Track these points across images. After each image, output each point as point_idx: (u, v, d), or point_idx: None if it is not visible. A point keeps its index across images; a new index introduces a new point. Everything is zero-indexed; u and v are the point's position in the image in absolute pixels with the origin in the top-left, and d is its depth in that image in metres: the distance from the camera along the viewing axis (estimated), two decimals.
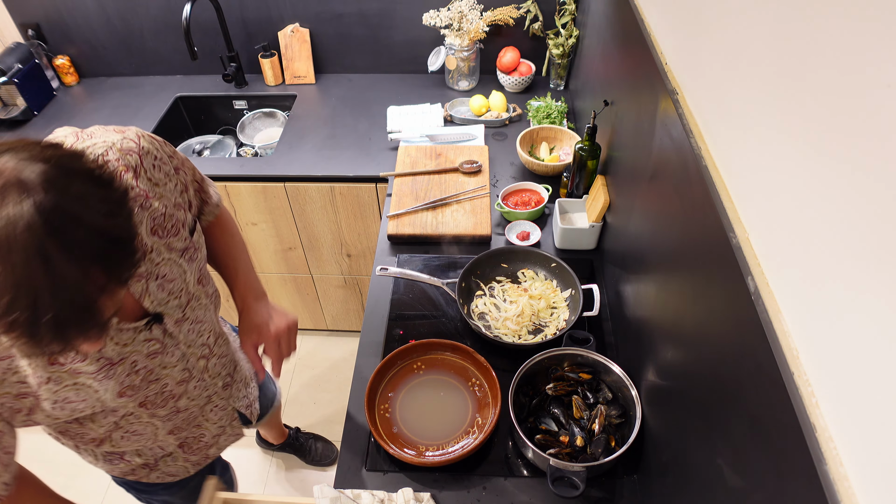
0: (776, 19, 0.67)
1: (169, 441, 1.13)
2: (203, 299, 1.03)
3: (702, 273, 0.85)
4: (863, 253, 0.51)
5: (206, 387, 1.12)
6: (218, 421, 1.22)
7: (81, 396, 0.87)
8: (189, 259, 0.98)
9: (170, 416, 1.07)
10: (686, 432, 0.91)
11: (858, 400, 0.51)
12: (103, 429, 1.01)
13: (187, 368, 1.04)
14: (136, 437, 1.06)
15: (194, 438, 1.20)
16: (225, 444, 1.29)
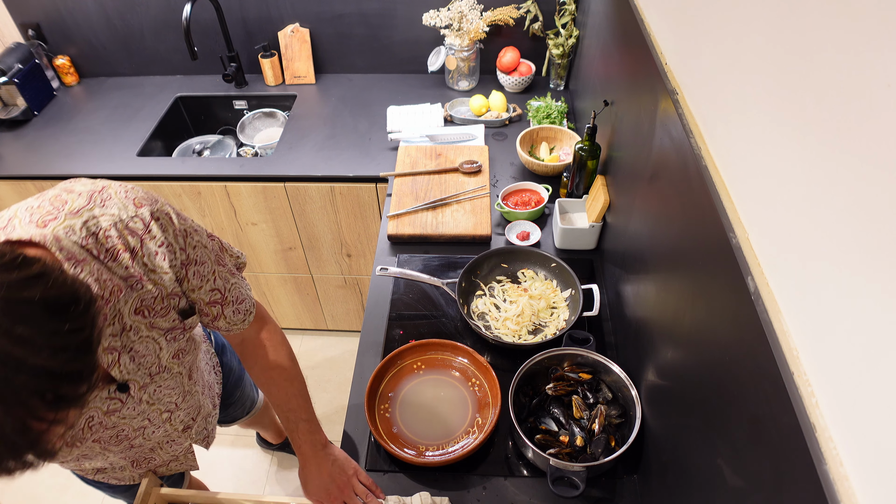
0: (776, 19, 0.67)
1: (126, 466, 1.14)
2: (175, 369, 1.00)
3: (702, 273, 0.85)
4: (863, 253, 0.51)
5: (164, 432, 1.10)
6: (173, 452, 1.20)
7: None
8: (171, 339, 0.94)
9: (123, 451, 1.06)
10: (686, 432, 0.91)
11: (858, 400, 0.51)
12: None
13: (148, 418, 1.02)
14: (86, 461, 1.05)
15: (146, 460, 1.18)
16: (175, 469, 1.26)
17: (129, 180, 2.00)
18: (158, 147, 2.15)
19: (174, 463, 1.25)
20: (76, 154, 2.03)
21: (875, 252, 0.49)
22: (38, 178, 1.99)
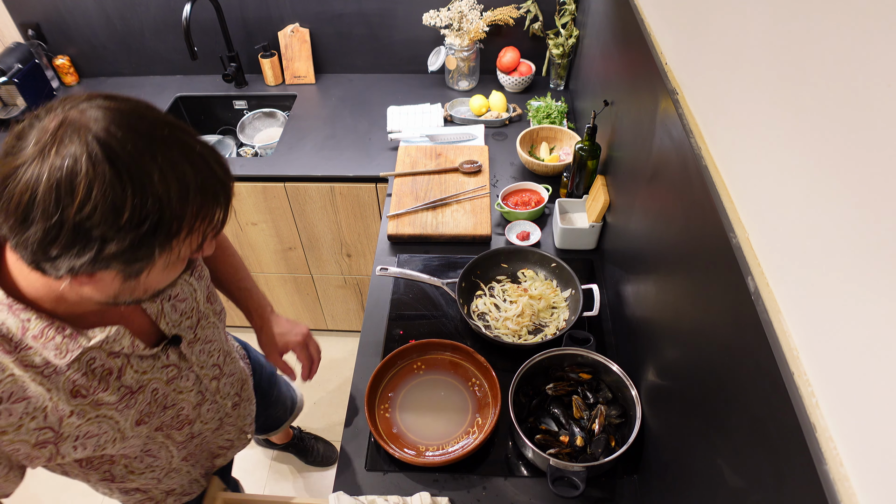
0: (776, 19, 0.67)
1: (182, 470, 1.11)
2: (211, 317, 1.02)
3: (702, 273, 0.85)
4: (863, 252, 0.51)
5: (217, 409, 1.11)
6: (227, 436, 1.20)
7: (103, 429, 0.84)
8: (198, 277, 0.98)
9: (185, 442, 1.06)
10: (686, 432, 0.91)
11: (859, 400, 0.51)
12: (124, 460, 0.98)
13: (201, 391, 1.03)
14: (150, 459, 1.02)
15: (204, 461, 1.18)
16: (232, 454, 1.27)
17: None
18: None
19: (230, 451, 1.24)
20: None
21: (875, 252, 0.49)
22: None
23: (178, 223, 0.65)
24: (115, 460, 0.97)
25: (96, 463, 0.95)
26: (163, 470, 1.07)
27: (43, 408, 0.76)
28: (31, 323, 0.73)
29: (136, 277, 0.69)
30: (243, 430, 1.25)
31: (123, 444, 0.90)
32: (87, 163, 0.59)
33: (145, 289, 0.74)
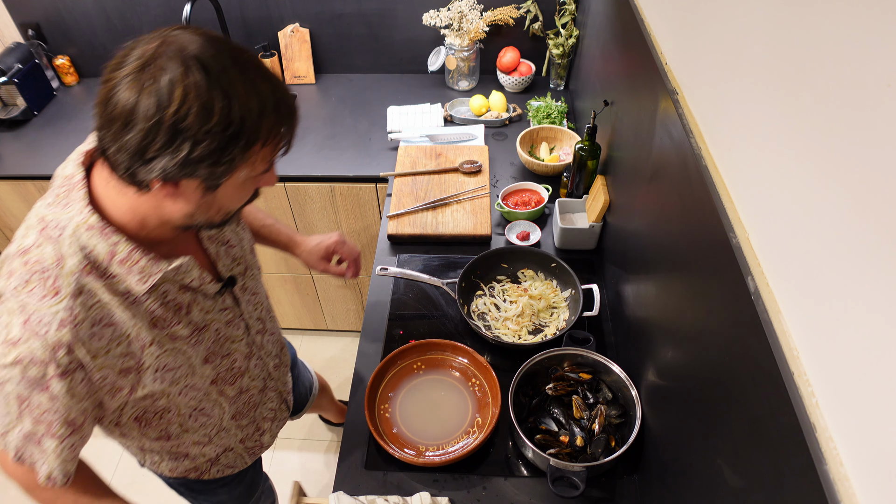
0: (776, 19, 0.67)
1: (231, 428, 1.16)
2: (255, 269, 1.10)
3: (702, 273, 0.85)
4: (863, 252, 0.51)
5: (263, 366, 1.16)
6: (270, 405, 1.25)
7: (178, 362, 0.92)
8: (243, 228, 1.08)
9: (235, 397, 1.11)
10: (686, 432, 0.91)
11: (859, 400, 0.51)
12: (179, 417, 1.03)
13: (249, 343, 1.09)
14: (203, 418, 1.07)
15: (253, 431, 1.23)
16: (276, 430, 1.32)
17: None
18: None
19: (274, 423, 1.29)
20: None
21: (875, 252, 0.49)
22: (38, 178, 1.98)
23: (256, 134, 0.73)
24: (171, 419, 1.01)
25: (154, 421, 1.00)
26: (214, 428, 1.11)
27: (127, 335, 0.83)
28: (118, 246, 0.80)
29: (214, 191, 0.77)
30: (283, 399, 1.29)
31: (192, 381, 0.97)
32: (183, 73, 0.68)
33: (218, 208, 0.82)
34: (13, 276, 0.77)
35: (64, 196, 0.80)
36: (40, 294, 0.76)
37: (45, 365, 0.77)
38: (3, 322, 0.77)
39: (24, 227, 0.81)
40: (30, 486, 0.89)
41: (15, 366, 0.77)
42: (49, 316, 0.76)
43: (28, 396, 0.79)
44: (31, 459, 0.84)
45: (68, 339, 0.77)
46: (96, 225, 0.78)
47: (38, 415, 0.80)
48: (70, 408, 0.81)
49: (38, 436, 0.82)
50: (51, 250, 0.77)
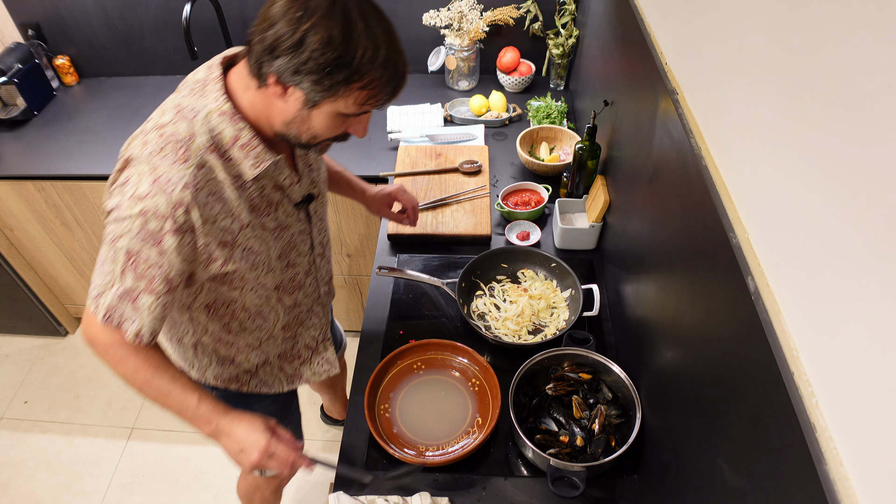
0: (776, 20, 0.67)
1: (278, 338, 1.25)
2: (325, 198, 1.20)
3: (702, 273, 0.85)
4: (862, 252, 0.51)
5: (316, 287, 1.28)
6: (313, 331, 1.33)
7: (261, 249, 1.04)
8: (322, 161, 1.20)
9: (289, 308, 1.22)
10: (686, 432, 0.91)
11: (859, 400, 0.51)
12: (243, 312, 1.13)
13: (310, 262, 1.21)
14: (260, 321, 1.17)
15: (292, 349, 1.31)
16: (317, 370, 1.37)
17: None
18: None
19: (315, 359, 1.36)
20: (76, 154, 2.03)
21: (875, 252, 0.49)
22: (38, 178, 1.99)
23: (360, 76, 0.85)
24: (236, 312, 1.12)
25: (221, 311, 1.11)
26: (266, 333, 1.21)
27: (231, 212, 0.96)
28: (243, 132, 0.94)
29: (311, 108, 0.89)
30: (324, 332, 1.36)
31: (265, 278, 1.08)
32: (329, 7, 0.82)
33: (309, 127, 0.93)
34: (148, 145, 0.90)
35: (199, 89, 0.94)
36: (171, 160, 0.89)
37: (165, 219, 0.88)
38: (134, 180, 0.89)
39: (160, 110, 0.94)
40: (110, 346, 0.96)
41: (138, 217, 0.88)
42: (176, 178, 0.88)
43: (139, 250, 0.90)
44: (121, 318, 0.94)
45: (188, 200, 0.89)
46: (228, 111, 0.93)
47: (144, 269, 0.91)
48: (173, 265, 0.92)
49: (136, 292, 0.92)
50: (185, 127, 0.91)
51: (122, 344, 0.95)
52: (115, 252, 0.90)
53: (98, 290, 0.93)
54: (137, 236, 0.89)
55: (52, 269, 2.36)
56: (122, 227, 0.89)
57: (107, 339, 0.95)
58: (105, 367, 2.50)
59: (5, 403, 2.40)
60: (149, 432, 2.28)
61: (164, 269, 0.91)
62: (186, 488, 2.11)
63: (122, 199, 0.90)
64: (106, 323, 0.93)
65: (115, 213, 0.91)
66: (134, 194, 0.88)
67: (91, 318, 0.95)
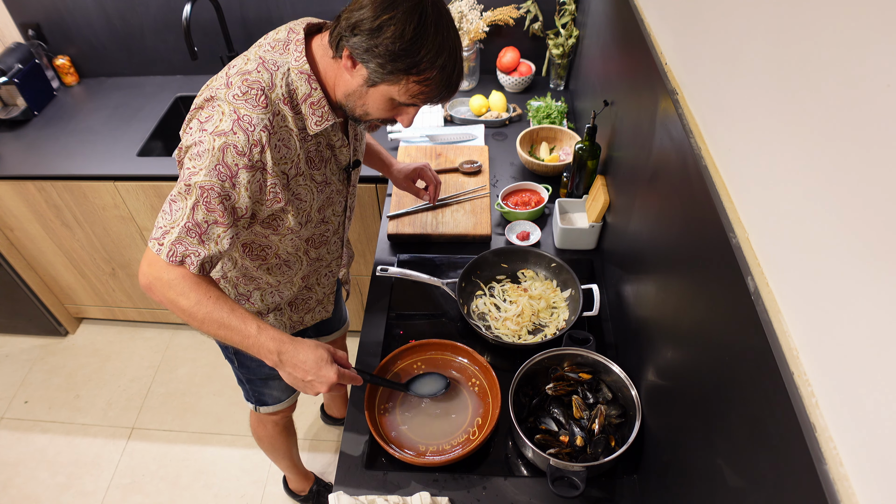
0: (776, 20, 0.67)
1: (295, 286, 1.35)
2: (360, 167, 1.28)
3: (702, 273, 0.85)
4: (862, 252, 0.51)
5: (338, 248, 1.39)
6: (326, 288, 1.45)
7: (307, 199, 1.14)
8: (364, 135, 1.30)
9: (312, 261, 1.33)
10: (686, 432, 0.91)
11: (858, 400, 0.51)
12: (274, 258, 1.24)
13: (339, 224, 1.31)
14: (286, 269, 1.29)
15: (303, 300, 1.42)
16: (315, 315, 1.49)
17: (130, 180, 2.00)
18: (158, 147, 2.15)
19: (317, 309, 1.47)
20: (76, 154, 2.03)
21: (875, 252, 0.49)
22: (38, 178, 1.99)
23: (418, 71, 0.96)
24: (267, 256, 1.23)
25: (256, 252, 1.22)
26: (287, 278, 1.31)
27: (292, 158, 1.06)
28: (315, 92, 1.04)
29: (370, 86, 1.00)
30: (329, 295, 1.47)
31: (302, 230, 1.18)
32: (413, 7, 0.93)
33: (363, 104, 1.04)
34: (232, 87, 0.99)
35: (281, 47, 1.05)
36: (253, 104, 0.98)
37: (242, 156, 0.97)
38: (216, 118, 0.98)
39: (244, 58, 1.05)
40: (173, 281, 1.01)
41: (218, 151, 0.96)
42: (256, 119, 0.98)
43: (213, 184, 0.97)
44: (185, 253, 1.00)
45: (265, 141, 0.99)
46: (307, 71, 1.03)
47: (216, 203, 0.99)
48: (242, 199, 1.01)
49: (206, 224, 1.00)
50: (268, 77, 1.01)
51: (185, 277, 1.01)
52: (190, 188, 0.98)
53: (163, 230, 1.00)
54: (215, 170, 0.97)
55: (52, 269, 2.36)
56: (200, 163, 0.97)
57: (170, 275, 1.01)
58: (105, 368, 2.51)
59: (5, 403, 2.40)
60: (149, 432, 2.28)
61: (234, 201, 1.00)
62: (186, 488, 2.12)
63: (202, 134, 0.98)
64: (170, 259, 1.00)
65: (194, 149, 0.98)
66: (215, 130, 0.97)
67: (153, 259, 1.01)
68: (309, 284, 1.39)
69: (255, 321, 1.04)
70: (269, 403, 1.58)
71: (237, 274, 1.28)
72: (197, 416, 2.32)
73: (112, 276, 2.36)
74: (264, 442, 1.77)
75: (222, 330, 1.03)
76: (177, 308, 1.03)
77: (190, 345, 2.58)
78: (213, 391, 2.40)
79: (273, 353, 1.04)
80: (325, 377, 1.05)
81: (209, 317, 1.02)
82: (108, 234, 2.17)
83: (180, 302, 1.01)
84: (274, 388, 1.55)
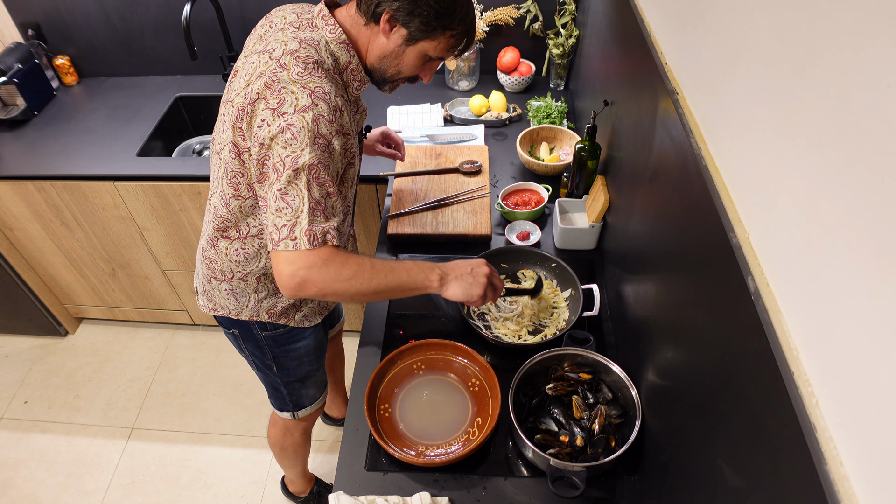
0: (776, 19, 0.67)
1: None
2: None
3: (702, 273, 0.85)
4: (863, 252, 0.51)
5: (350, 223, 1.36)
6: None
7: (354, 162, 1.17)
8: None
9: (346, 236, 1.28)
10: (686, 432, 0.91)
11: (859, 400, 0.51)
12: None
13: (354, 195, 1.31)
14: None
15: None
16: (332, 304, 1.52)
17: (129, 180, 2.00)
18: (158, 147, 2.15)
19: None
20: (76, 154, 2.03)
21: (875, 252, 0.49)
22: (38, 178, 1.99)
23: (455, 25, 1.07)
24: None
25: None
26: None
27: (350, 120, 1.09)
28: (354, 59, 1.11)
29: (409, 44, 1.08)
30: None
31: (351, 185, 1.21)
32: None
33: (397, 63, 1.12)
34: (288, 67, 1.01)
35: (307, 25, 1.10)
36: (318, 76, 1.02)
37: (331, 123, 1.01)
38: (290, 99, 0.99)
39: (280, 42, 1.05)
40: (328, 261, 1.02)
41: (311, 124, 0.98)
42: (328, 87, 1.02)
43: (317, 160, 1.00)
44: (323, 232, 1.02)
45: (341, 105, 1.04)
46: (345, 41, 1.09)
47: (324, 177, 1.01)
48: (339, 164, 1.06)
49: (323, 200, 1.02)
50: (314, 52, 1.05)
51: (335, 253, 1.03)
52: (298, 172, 0.99)
53: (289, 224, 1.00)
54: (315, 144, 0.99)
55: (52, 269, 2.36)
56: (299, 143, 0.98)
57: (321, 258, 1.02)
58: (104, 368, 2.50)
59: (5, 403, 2.40)
60: (149, 432, 2.28)
61: (335, 169, 1.05)
62: (186, 488, 2.12)
63: (285, 118, 0.98)
64: (313, 245, 1.01)
65: (283, 136, 0.98)
66: (298, 108, 0.98)
67: (293, 257, 1.01)
68: None
69: (402, 263, 1.13)
70: (306, 405, 1.59)
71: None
72: (197, 416, 2.32)
73: (112, 276, 2.36)
74: (288, 451, 1.77)
75: (386, 281, 1.08)
76: (340, 280, 1.04)
77: (190, 345, 2.58)
78: (213, 391, 2.40)
79: (435, 274, 1.14)
80: (479, 271, 1.18)
81: (372, 277, 1.06)
82: (108, 234, 2.17)
83: (342, 274, 1.04)
84: (311, 387, 1.56)
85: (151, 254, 2.24)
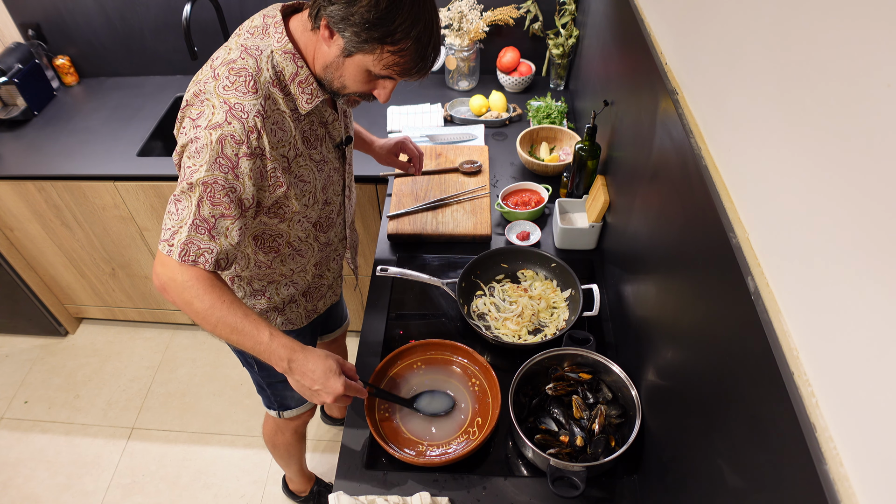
0: (776, 19, 0.67)
1: (309, 274, 1.36)
2: (352, 145, 1.29)
3: (702, 273, 0.85)
4: (863, 252, 0.51)
5: (343, 228, 1.39)
6: (335, 272, 1.46)
7: (309, 179, 1.14)
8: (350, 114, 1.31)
9: (322, 246, 1.33)
10: (686, 432, 0.91)
11: (859, 400, 0.51)
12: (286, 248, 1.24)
13: (341, 203, 1.31)
14: (298, 258, 1.29)
15: (316, 288, 1.42)
16: (329, 301, 1.51)
17: (129, 180, 2.00)
18: (158, 147, 2.15)
19: (328, 293, 1.48)
20: (76, 154, 2.03)
21: (875, 252, 0.49)
22: (38, 179, 1.99)
23: (393, 40, 0.94)
24: (279, 247, 1.23)
25: (268, 243, 1.21)
26: (300, 267, 1.32)
27: (289, 140, 1.06)
28: (302, 70, 1.04)
29: (346, 56, 0.98)
30: (339, 278, 1.50)
31: (308, 211, 1.18)
32: None
33: (341, 75, 1.02)
34: (219, 78, 0.99)
35: (261, 32, 1.04)
36: (243, 91, 0.98)
37: (240, 144, 0.97)
38: (207, 112, 0.97)
39: (226, 49, 1.03)
40: (188, 282, 1.00)
41: (216, 144, 0.96)
42: (249, 106, 0.98)
43: (215, 178, 0.97)
44: (198, 252, 1.00)
45: (260, 126, 0.99)
46: (291, 51, 1.02)
47: (220, 196, 0.98)
48: (246, 188, 1.01)
49: (213, 219, 0.99)
50: (253, 62, 1.00)
51: (199, 279, 1.01)
52: (192, 186, 0.97)
53: (172, 231, 0.99)
54: (215, 163, 0.96)
55: (52, 269, 2.36)
56: (200, 159, 0.96)
57: (184, 275, 1.00)
58: (105, 368, 2.51)
59: (5, 403, 2.40)
60: (149, 432, 2.28)
61: (239, 192, 1.00)
62: (186, 488, 2.12)
63: (197, 130, 0.97)
64: (183, 260, 0.99)
65: (191, 147, 0.98)
66: (210, 123, 0.96)
67: (166, 260, 1.01)
68: (321, 271, 1.40)
69: (267, 327, 1.04)
70: (292, 406, 1.58)
71: (251, 272, 1.28)
72: (197, 416, 2.32)
73: (112, 276, 2.36)
74: (280, 450, 1.77)
75: (235, 334, 1.03)
76: (191, 310, 1.02)
77: (190, 345, 2.58)
78: (212, 391, 2.40)
79: (284, 359, 1.04)
80: (332, 388, 1.06)
81: (222, 321, 1.01)
82: (108, 234, 2.17)
83: (195, 304, 1.01)
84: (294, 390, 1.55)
85: (151, 254, 2.24)
